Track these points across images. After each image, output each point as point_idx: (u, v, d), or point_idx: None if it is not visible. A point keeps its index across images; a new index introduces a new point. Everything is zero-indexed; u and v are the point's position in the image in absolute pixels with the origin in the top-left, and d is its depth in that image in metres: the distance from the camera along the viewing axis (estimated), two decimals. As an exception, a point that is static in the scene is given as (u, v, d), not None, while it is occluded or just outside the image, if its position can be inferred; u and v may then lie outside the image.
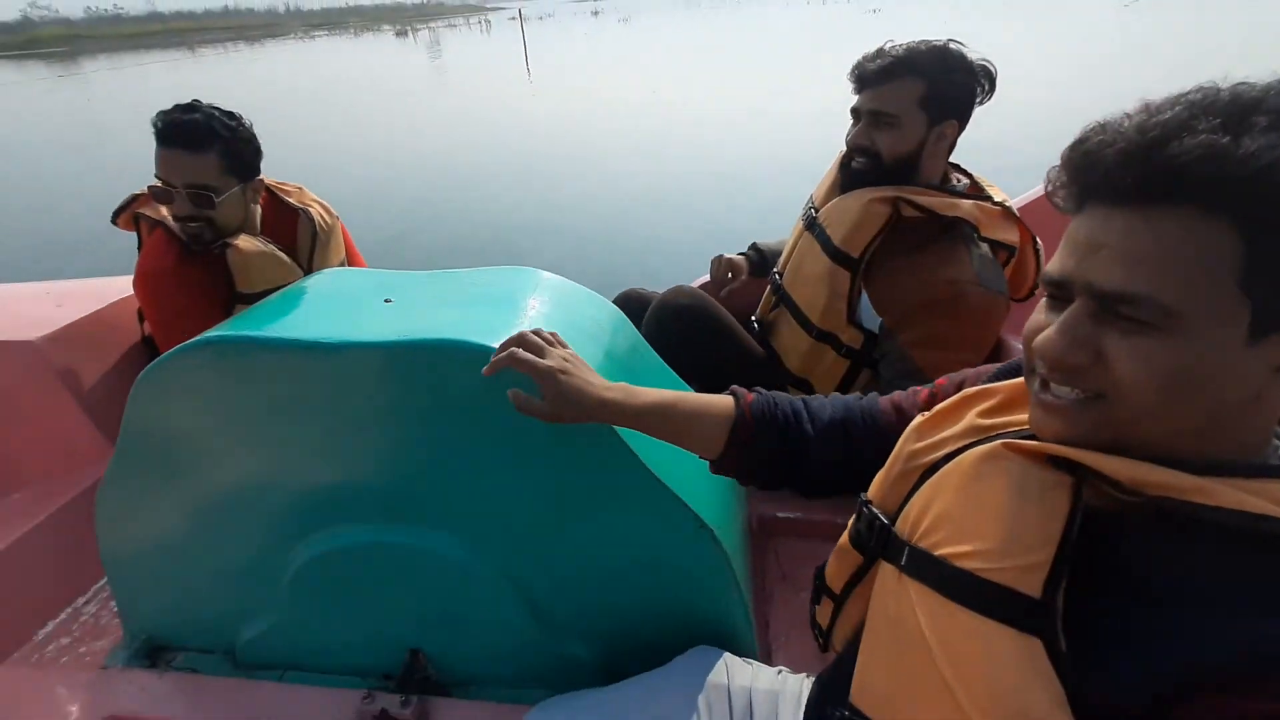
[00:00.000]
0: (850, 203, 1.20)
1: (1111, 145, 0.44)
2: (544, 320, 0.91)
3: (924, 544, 0.53)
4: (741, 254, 1.55)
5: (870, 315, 1.23)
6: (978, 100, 1.16)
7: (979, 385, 0.63)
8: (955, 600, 0.49)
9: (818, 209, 1.29)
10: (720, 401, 0.76)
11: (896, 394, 0.75)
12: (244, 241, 1.34)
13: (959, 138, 1.19)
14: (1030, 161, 2.15)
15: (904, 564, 0.54)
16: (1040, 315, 0.50)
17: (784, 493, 1.31)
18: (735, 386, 0.79)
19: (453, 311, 0.92)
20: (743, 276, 1.49)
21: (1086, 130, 0.47)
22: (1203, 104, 0.43)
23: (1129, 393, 0.45)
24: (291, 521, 0.95)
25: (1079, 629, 0.45)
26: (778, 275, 1.39)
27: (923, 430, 0.60)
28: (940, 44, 1.13)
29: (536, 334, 0.77)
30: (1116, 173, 0.44)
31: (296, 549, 0.96)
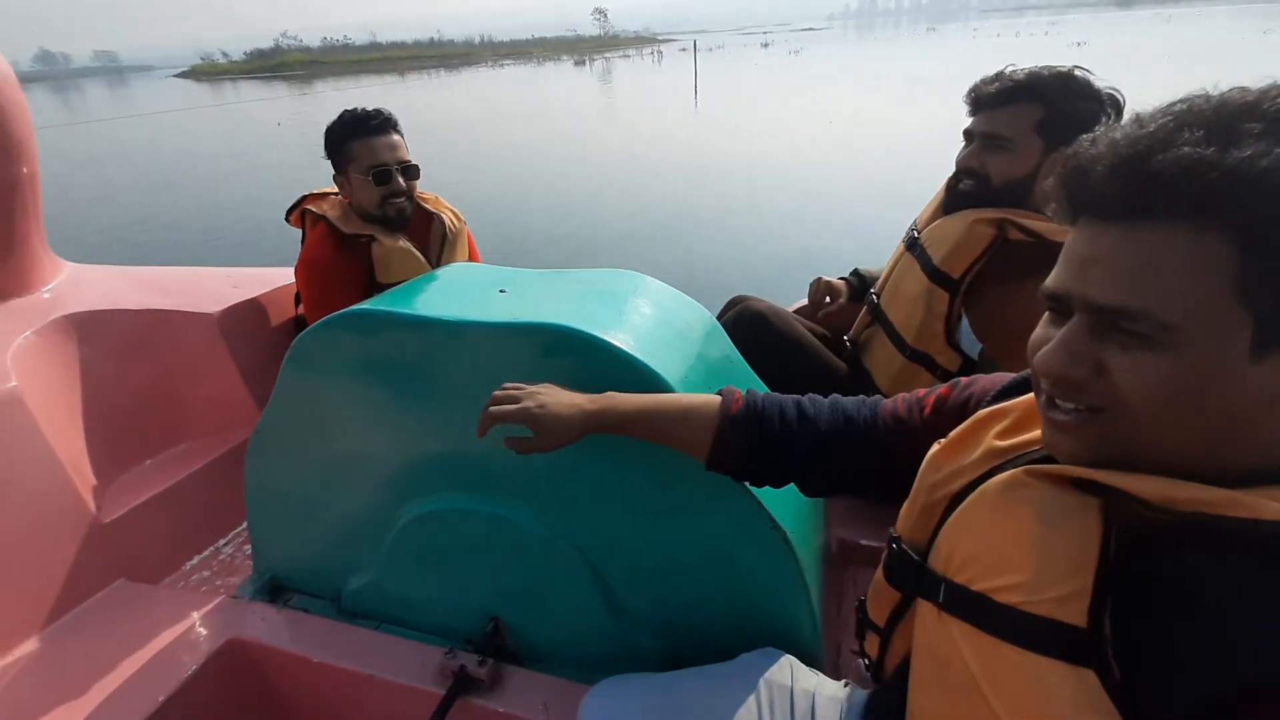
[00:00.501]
0: (953, 223, 1.17)
1: (1099, 160, 0.43)
2: (640, 317, 0.96)
3: (960, 579, 0.52)
4: (843, 279, 1.55)
5: (970, 340, 1.19)
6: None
7: (990, 397, 0.61)
8: (1000, 637, 0.48)
9: (920, 230, 1.27)
10: (708, 403, 0.77)
11: (900, 400, 0.74)
12: (386, 239, 1.51)
13: None
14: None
15: (942, 602, 0.53)
16: (1042, 329, 0.49)
17: (866, 520, 1.29)
18: (727, 387, 0.80)
19: (558, 303, 0.99)
20: (840, 300, 1.49)
21: (1078, 143, 0.46)
22: (1188, 115, 0.41)
23: (1130, 407, 0.43)
24: (399, 485, 1.05)
25: (1127, 653, 0.43)
26: (875, 295, 1.37)
27: (940, 460, 0.59)
28: (1064, 70, 1.09)
29: (503, 389, 0.81)
30: (1103, 188, 0.43)
31: (400, 511, 1.06)
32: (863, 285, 1.54)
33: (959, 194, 1.20)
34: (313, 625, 1.13)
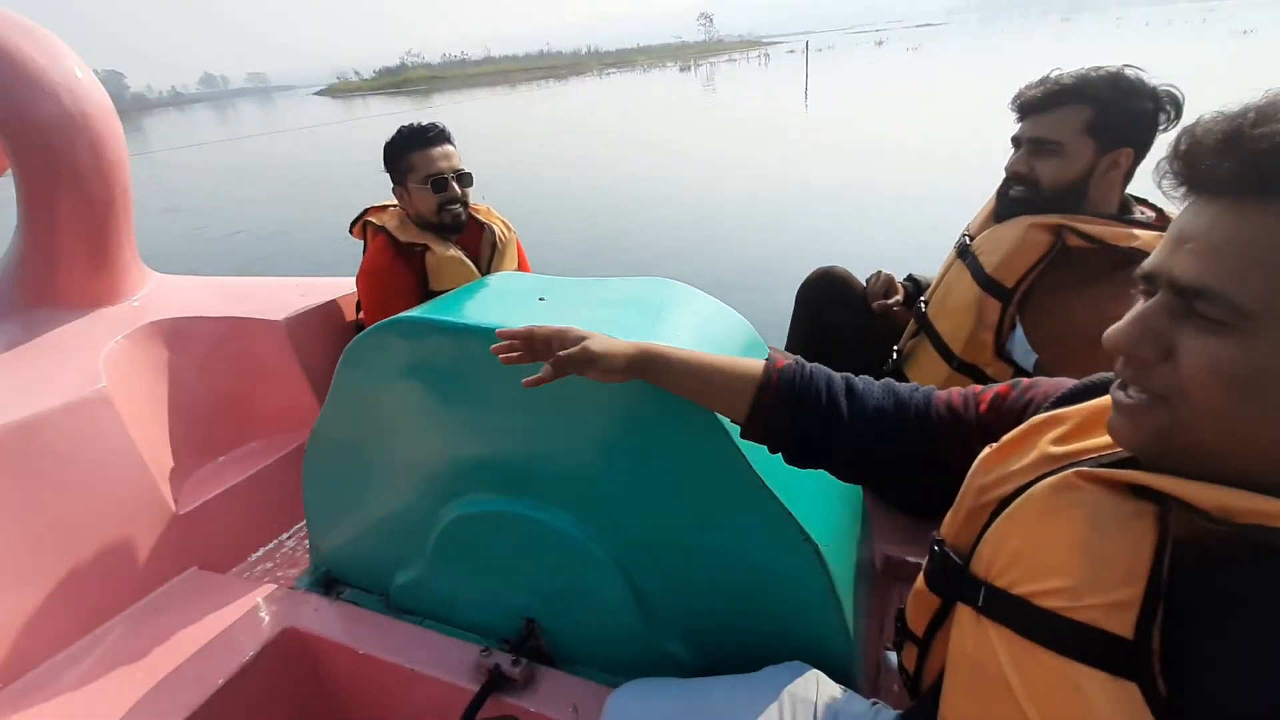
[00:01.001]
0: (1007, 230, 1.12)
1: (1209, 136, 0.41)
2: (674, 325, 0.97)
3: (1000, 583, 0.50)
4: (900, 282, 1.51)
5: (1024, 352, 1.13)
6: (1161, 127, 1.05)
7: (1049, 403, 0.58)
8: (1039, 642, 0.46)
9: (972, 237, 1.22)
10: (753, 366, 0.75)
11: (955, 393, 0.69)
12: (439, 248, 1.57)
13: (1137, 167, 1.08)
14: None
15: (981, 605, 0.51)
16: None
17: (914, 536, 1.25)
18: (774, 349, 0.78)
19: (593, 311, 1.01)
20: (898, 298, 1.45)
21: (1198, 119, 0.44)
22: None
23: (1191, 398, 0.41)
24: (442, 485, 1.09)
25: (1176, 669, 0.41)
26: (923, 304, 1.33)
27: (991, 463, 0.56)
28: (1113, 69, 1.05)
29: (547, 327, 0.82)
30: (1211, 161, 0.41)
31: (443, 510, 1.10)
32: (917, 292, 1.49)
33: (1010, 200, 1.17)
34: (361, 618, 1.18)
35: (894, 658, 0.73)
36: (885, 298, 1.44)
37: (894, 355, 1.40)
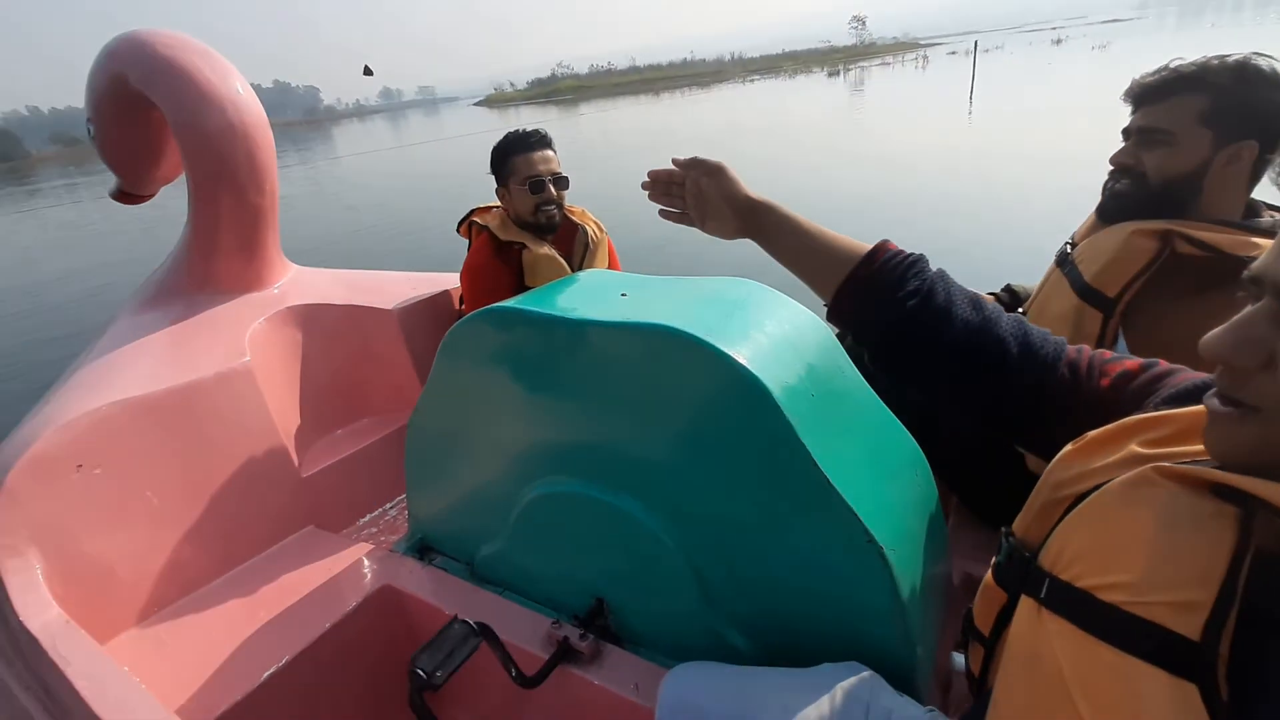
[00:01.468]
0: (1109, 236, 1.05)
1: None
2: (747, 323, 0.99)
3: (1065, 576, 0.49)
4: (992, 293, 1.45)
5: None
6: None
7: (1159, 400, 0.54)
8: (1099, 636, 0.45)
9: (1074, 244, 1.15)
10: (859, 245, 0.74)
11: (1085, 353, 0.65)
12: (534, 247, 1.68)
13: (1265, 162, 0.97)
14: None
15: (1044, 597, 0.50)
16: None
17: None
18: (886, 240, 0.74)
19: (670, 307, 1.05)
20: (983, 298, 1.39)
21: None
22: None
23: None
24: (525, 466, 1.17)
25: (1243, 679, 0.39)
26: (1022, 314, 1.26)
27: (1071, 460, 0.54)
28: (1239, 57, 0.95)
29: (672, 172, 0.88)
30: None
31: (524, 490, 1.18)
32: (1014, 303, 1.42)
33: (1113, 194, 1.08)
34: (449, 583, 1.29)
35: (960, 660, 0.72)
36: None
37: None
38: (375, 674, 1.28)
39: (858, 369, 1.12)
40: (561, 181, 1.74)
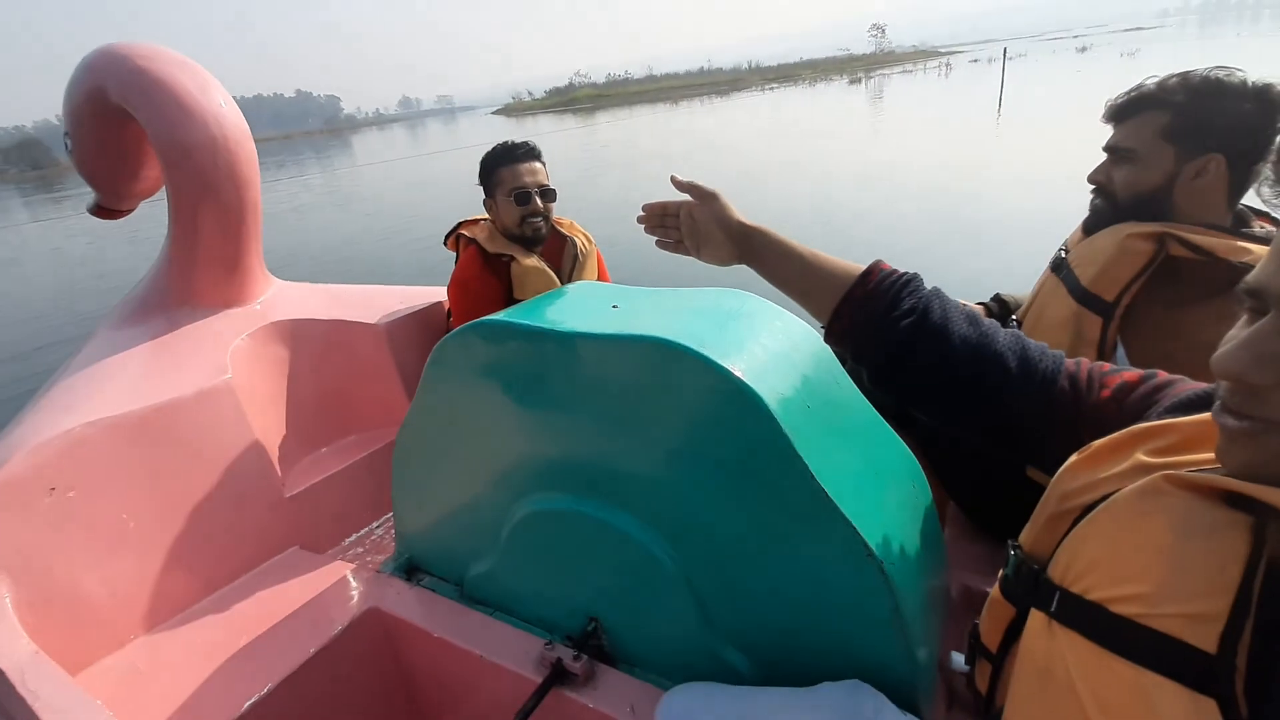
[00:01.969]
0: (1105, 240, 1.06)
1: None
2: (741, 334, 0.97)
3: (1076, 588, 0.47)
4: (981, 303, 1.45)
5: None
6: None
7: (1161, 409, 0.54)
8: (1113, 650, 0.43)
9: (1068, 250, 1.16)
10: (853, 267, 0.73)
11: (1084, 365, 0.64)
12: (523, 259, 1.66)
13: (1253, 174, 1.00)
14: None
15: (1054, 610, 0.49)
16: (1235, 332, 0.43)
17: (994, 567, 1.18)
18: (881, 260, 0.74)
19: (663, 318, 1.03)
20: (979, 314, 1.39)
21: None
22: None
23: None
24: (516, 482, 1.14)
25: (1262, 692, 0.38)
26: (1015, 323, 1.26)
27: (1077, 469, 0.53)
28: (1201, 72, 0.98)
29: (669, 207, 0.88)
30: None
31: (516, 507, 1.15)
32: (1003, 312, 1.42)
33: (1092, 211, 1.14)
34: (437, 604, 1.25)
35: (958, 659, 0.70)
36: None
37: None
38: (362, 701, 1.24)
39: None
40: (549, 194, 1.73)
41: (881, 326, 0.69)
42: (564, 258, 1.78)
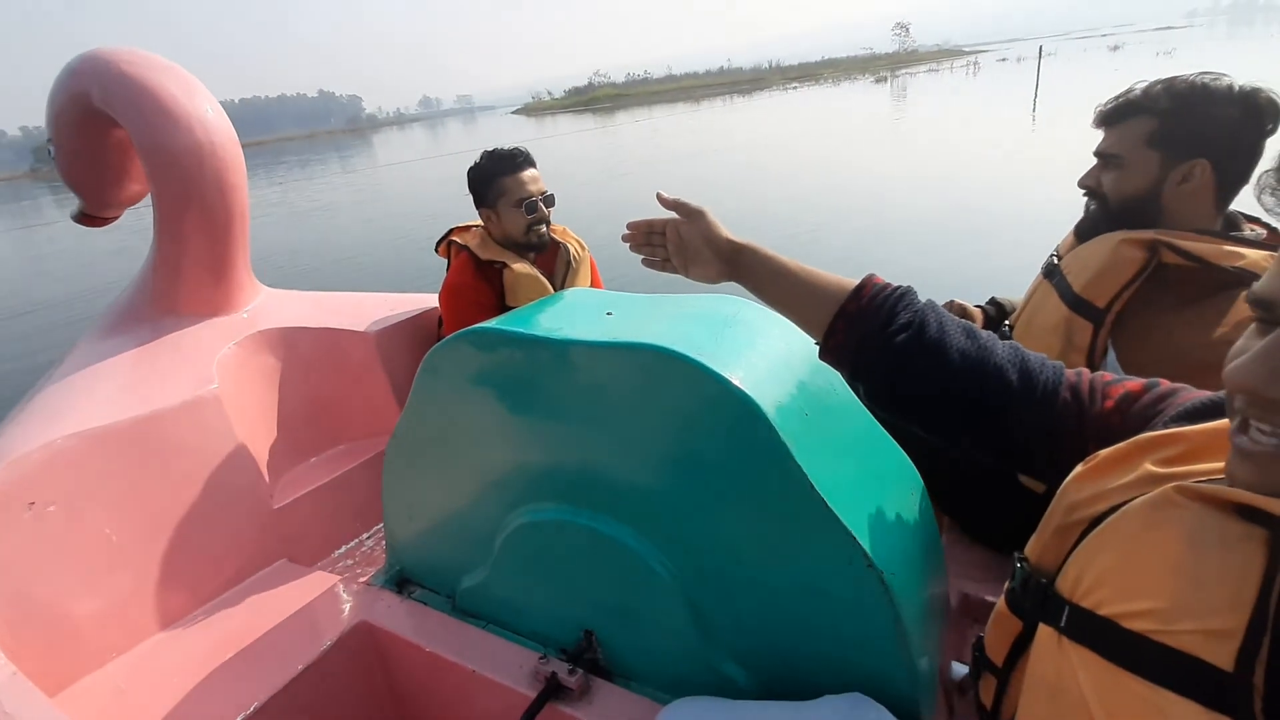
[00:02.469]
0: (1097, 246, 1.06)
1: None
2: (736, 340, 0.96)
3: (1087, 603, 0.46)
4: (979, 306, 1.44)
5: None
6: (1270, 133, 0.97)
7: (1167, 418, 0.53)
8: (1126, 667, 0.42)
9: (1060, 257, 1.16)
10: (845, 282, 0.72)
11: (1085, 376, 0.63)
12: (516, 266, 1.64)
13: (1242, 178, 1.00)
14: None
15: (1064, 626, 0.48)
16: (1244, 342, 0.42)
17: (993, 574, 1.17)
18: (873, 274, 0.73)
19: (658, 325, 1.02)
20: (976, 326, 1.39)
21: None
22: None
23: None
24: (509, 492, 1.12)
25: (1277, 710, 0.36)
26: (1007, 327, 1.26)
27: (1084, 480, 0.52)
28: (1187, 78, 0.99)
29: (655, 226, 0.88)
30: None
31: (509, 517, 1.13)
32: (1000, 315, 1.42)
33: (1085, 216, 1.15)
34: (429, 617, 1.23)
35: (959, 670, 0.68)
36: None
37: None
38: (352, 717, 1.21)
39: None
40: (550, 200, 1.73)
41: (878, 341, 0.68)
42: (557, 264, 1.77)
